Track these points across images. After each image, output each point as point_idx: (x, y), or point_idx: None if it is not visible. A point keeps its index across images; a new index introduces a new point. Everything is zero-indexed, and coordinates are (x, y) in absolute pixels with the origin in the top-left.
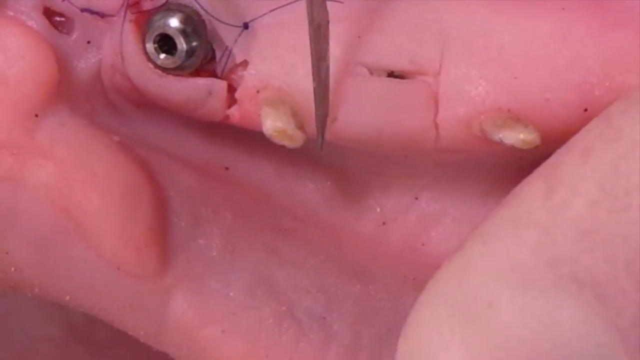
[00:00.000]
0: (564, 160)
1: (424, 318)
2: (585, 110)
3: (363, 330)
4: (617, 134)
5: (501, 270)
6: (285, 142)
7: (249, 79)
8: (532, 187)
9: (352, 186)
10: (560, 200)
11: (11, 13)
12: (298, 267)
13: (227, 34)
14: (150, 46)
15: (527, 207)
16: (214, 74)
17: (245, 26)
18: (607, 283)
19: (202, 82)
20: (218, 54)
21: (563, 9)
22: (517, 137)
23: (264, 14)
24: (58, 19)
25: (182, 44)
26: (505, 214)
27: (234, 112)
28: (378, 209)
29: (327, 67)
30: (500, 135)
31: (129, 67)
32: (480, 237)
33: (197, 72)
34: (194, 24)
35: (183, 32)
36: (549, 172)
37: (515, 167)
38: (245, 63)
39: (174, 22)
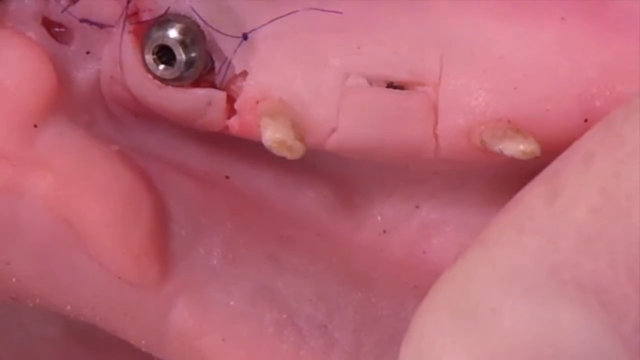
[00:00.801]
0: (565, 166)
1: (426, 325)
2: (586, 120)
3: (364, 338)
4: (619, 139)
5: (503, 277)
6: (285, 153)
7: (248, 90)
8: (533, 193)
9: (352, 195)
10: (562, 206)
11: (10, 23)
12: (299, 275)
13: (226, 45)
14: (149, 57)
15: (529, 213)
16: (213, 85)
17: (245, 37)
18: (610, 288)
19: (201, 92)
20: (217, 65)
21: (563, 18)
22: (517, 148)
23: (263, 25)
24: (57, 29)
25: (181, 55)
26: (507, 220)
27: (234, 123)
28: (379, 218)
29: None
30: (500, 146)
31: (128, 77)
32: (482, 243)
33: (197, 83)
34: (193, 35)
35: (182, 42)
36: (550, 177)
37: (516, 177)
38: (244, 74)
39: (173, 33)
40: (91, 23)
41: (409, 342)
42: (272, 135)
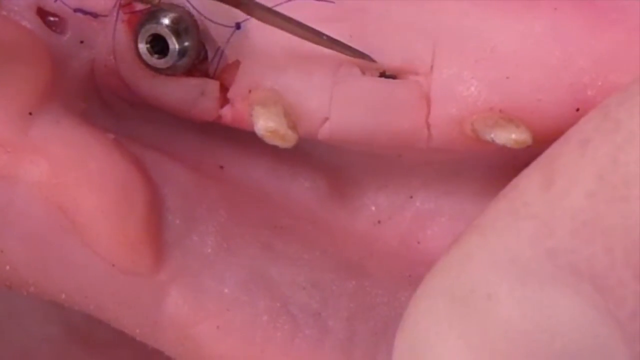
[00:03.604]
0: (561, 152)
1: (422, 310)
2: (578, 110)
3: (358, 326)
4: (615, 125)
5: (499, 262)
6: (278, 142)
7: (241, 79)
8: (530, 179)
9: (347, 185)
10: (558, 192)
11: (4, 13)
12: (293, 263)
13: (219, 34)
14: (142, 46)
15: (525, 198)
16: (206, 74)
17: (237, 26)
18: (606, 274)
19: (194, 82)
20: (210, 54)
21: (555, 8)
22: (509, 137)
23: None
24: (51, 18)
25: (174, 44)
26: (503, 206)
27: (226, 112)
28: (373, 208)
29: None
30: (492, 135)
31: (122, 67)
32: (478, 229)
33: (190, 72)
34: (186, 24)
35: (175, 32)
36: (546, 163)
37: (509, 166)
38: (237, 63)
39: (166, 22)
40: (85, 13)
41: (404, 328)
42: (265, 124)
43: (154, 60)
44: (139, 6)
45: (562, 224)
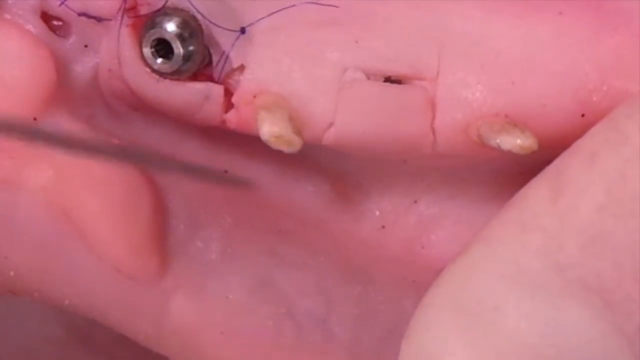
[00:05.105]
0: (569, 164)
1: (428, 321)
2: (583, 115)
3: (363, 333)
4: (623, 138)
5: (507, 274)
6: (283, 147)
7: (245, 84)
8: (537, 191)
9: (351, 189)
10: (566, 205)
11: (9, 16)
12: (298, 269)
13: (224, 39)
14: (147, 51)
15: (533, 210)
16: (211, 79)
17: (243, 31)
18: (615, 289)
19: (199, 86)
20: (215, 59)
21: (560, 13)
22: (514, 142)
23: (261, 19)
24: (55, 22)
25: (179, 49)
26: (511, 217)
27: (231, 117)
28: (377, 213)
29: None
30: (498, 141)
31: (126, 71)
32: (485, 240)
33: (194, 77)
34: (191, 29)
35: (180, 36)
36: (554, 175)
37: (514, 172)
38: (242, 68)
39: (171, 26)
40: (89, 17)
41: (411, 337)
42: (270, 129)
43: (158, 65)
44: (144, 10)
45: (570, 238)
